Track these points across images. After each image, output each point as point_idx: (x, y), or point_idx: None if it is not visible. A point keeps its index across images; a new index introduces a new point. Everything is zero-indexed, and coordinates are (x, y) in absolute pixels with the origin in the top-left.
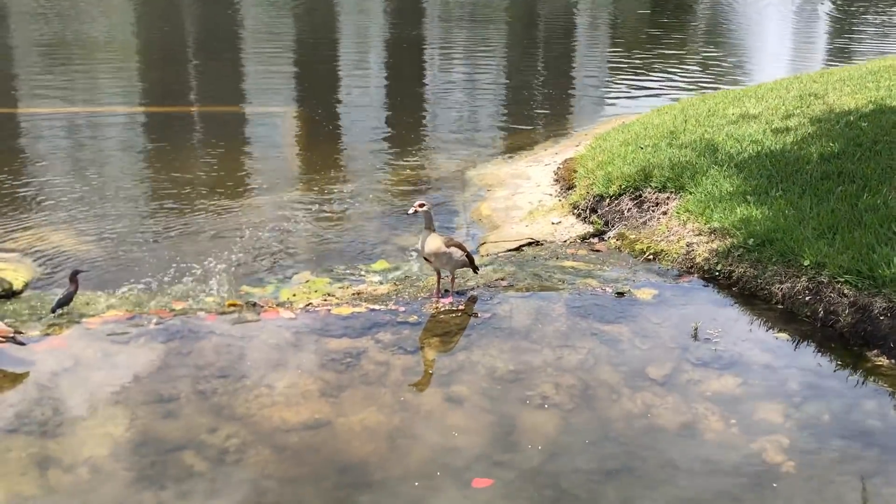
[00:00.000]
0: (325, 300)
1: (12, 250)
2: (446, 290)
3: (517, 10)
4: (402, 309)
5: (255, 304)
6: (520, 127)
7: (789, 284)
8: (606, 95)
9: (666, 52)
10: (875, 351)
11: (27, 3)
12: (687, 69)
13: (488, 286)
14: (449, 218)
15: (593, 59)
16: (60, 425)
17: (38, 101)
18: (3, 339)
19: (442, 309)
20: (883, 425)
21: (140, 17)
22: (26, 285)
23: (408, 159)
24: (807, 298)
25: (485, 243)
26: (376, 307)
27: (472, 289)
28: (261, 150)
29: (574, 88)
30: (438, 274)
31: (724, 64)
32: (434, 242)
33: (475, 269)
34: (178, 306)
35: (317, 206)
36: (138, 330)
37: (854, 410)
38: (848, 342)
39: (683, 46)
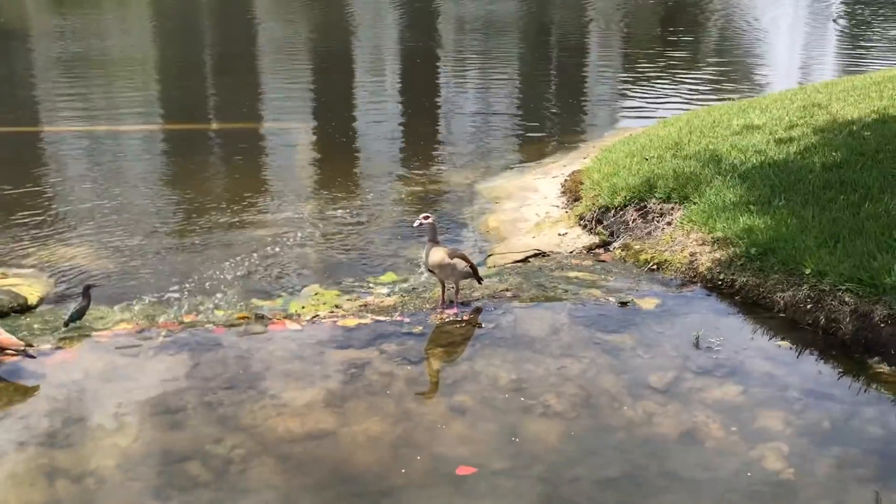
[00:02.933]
0: (332, 312)
1: (28, 266)
2: (451, 301)
3: (530, 24)
4: (408, 320)
5: (262, 317)
6: (530, 139)
7: (791, 293)
8: (617, 108)
9: (677, 64)
10: (876, 358)
11: (47, 22)
12: (698, 81)
13: (493, 297)
14: (457, 230)
15: (605, 72)
16: (69, 437)
17: (56, 119)
18: (15, 353)
19: (446, 319)
20: (884, 433)
21: (158, 35)
22: (41, 300)
23: (418, 173)
24: (808, 307)
25: (492, 255)
26: (382, 318)
27: (478, 300)
28: (273, 165)
29: (585, 101)
30: (443, 285)
31: (734, 76)
32: (438, 254)
33: (479, 279)
34: (188, 319)
35: (327, 220)
36: (147, 343)
37: (855, 417)
38: (849, 350)
39: (695, 59)
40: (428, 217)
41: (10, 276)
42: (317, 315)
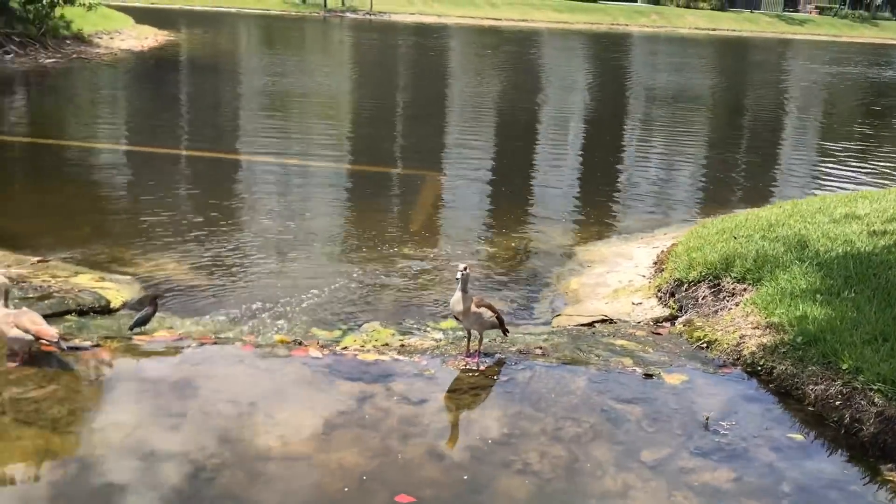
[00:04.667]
0: (374, 347)
1: (128, 273)
2: (476, 351)
3: (721, 98)
4: (425, 362)
5: (298, 342)
6: (657, 210)
7: (823, 386)
8: (770, 188)
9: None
10: (890, 465)
11: (256, 60)
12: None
13: (521, 352)
14: (538, 288)
15: (781, 150)
16: (70, 424)
17: (240, 148)
18: (48, 344)
19: (462, 367)
20: None
21: (355, 79)
22: (124, 304)
23: (524, 230)
24: (837, 403)
25: (560, 315)
26: (401, 357)
27: (505, 353)
28: (396, 208)
29: (740, 177)
30: (469, 333)
31: None
32: (465, 302)
33: (505, 331)
34: (247, 338)
35: (415, 264)
36: (176, 349)
37: None
38: (866, 452)
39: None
40: (466, 268)
41: (105, 280)
42: (345, 347)
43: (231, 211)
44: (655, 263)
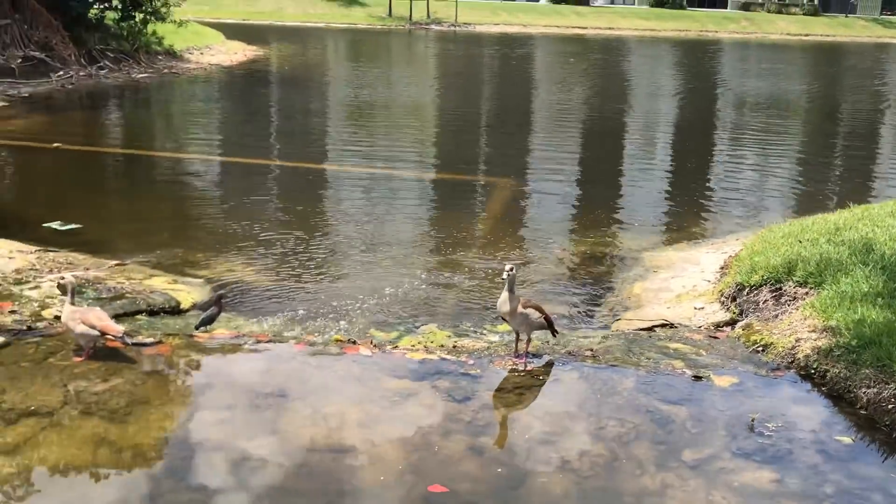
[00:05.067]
0: (425, 347)
1: (199, 276)
2: (525, 351)
3: (813, 104)
4: (471, 362)
5: (352, 342)
6: (734, 215)
7: (876, 389)
8: (857, 192)
9: None
10: None
11: (343, 72)
12: None
13: (571, 354)
14: (602, 293)
15: (872, 157)
16: (128, 414)
17: (321, 157)
18: (114, 339)
19: (510, 367)
20: None
21: (439, 90)
22: (193, 305)
23: (595, 235)
24: (890, 406)
25: (620, 320)
26: (448, 357)
27: (555, 354)
28: (469, 214)
29: (827, 184)
30: (517, 334)
31: None
32: (511, 303)
33: (554, 331)
34: (310, 337)
35: (480, 268)
36: (234, 346)
37: None
38: None
39: None
40: (512, 269)
41: (178, 283)
42: (395, 346)
43: (307, 217)
44: (722, 268)
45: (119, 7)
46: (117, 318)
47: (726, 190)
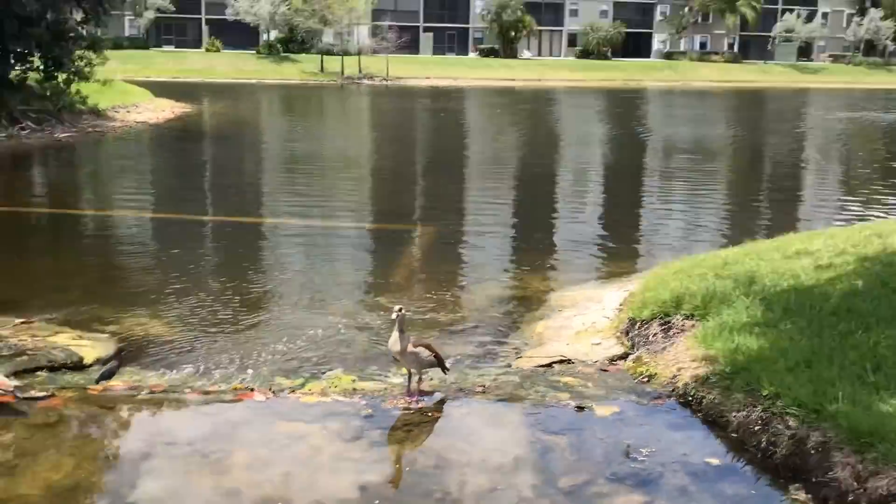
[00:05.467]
0: (320, 391)
1: (108, 331)
2: (416, 390)
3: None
4: (364, 402)
5: (249, 389)
6: (641, 254)
7: (745, 413)
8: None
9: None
10: (797, 485)
11: (276, 125)
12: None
13: (462, 391)
14: (508, 332)
15: (787, 196)
16: (14, 467)
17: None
18: (3, 393)
19: (400, 406)
20: None
21: (372, 142)
22: (97, 360)
23: (507, 277)
24: (756, 428)
25: (520, 358)
26: (342, 399)
27: (447, 391)
28: (375, 262)
29: (739, 223)
30: (409, 373)
31: None
32: (402, 342)
33: (444, 369)
34: (211, 388)
35: (388, 314)
36: (126, 398)
37: None
38: (778, 474)
39: None
40: (401, 309)
41: (83, 338)
42: (292, 390)
43: (226, 270)
44: (620, 305)
45: (41, 68)
46: (17, 374)
47: (643, 231)
